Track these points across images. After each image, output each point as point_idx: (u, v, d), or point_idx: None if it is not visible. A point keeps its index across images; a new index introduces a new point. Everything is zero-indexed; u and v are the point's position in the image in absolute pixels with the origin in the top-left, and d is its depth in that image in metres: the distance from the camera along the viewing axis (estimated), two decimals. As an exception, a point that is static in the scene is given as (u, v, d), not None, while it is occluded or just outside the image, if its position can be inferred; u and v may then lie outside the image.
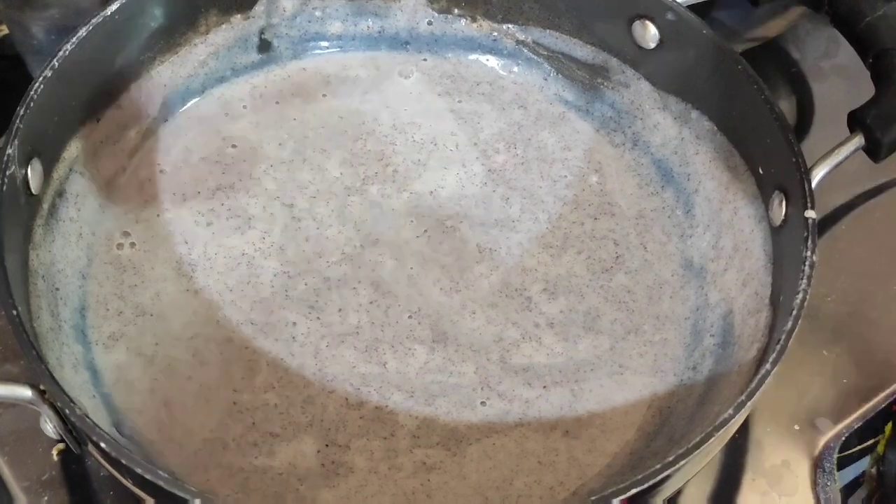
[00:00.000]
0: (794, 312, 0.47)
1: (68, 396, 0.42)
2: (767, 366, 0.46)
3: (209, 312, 0.57)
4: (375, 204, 0.62)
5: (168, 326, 0.56)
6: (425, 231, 0.61)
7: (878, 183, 0.72)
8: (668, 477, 0.43)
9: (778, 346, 0.46)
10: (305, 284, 0.59)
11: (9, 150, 0.50)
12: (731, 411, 0.44)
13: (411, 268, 0.60)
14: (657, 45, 0.62)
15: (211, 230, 0.60)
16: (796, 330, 0.47)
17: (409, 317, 0.58)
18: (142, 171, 0.62)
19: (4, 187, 0.49)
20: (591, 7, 0.64)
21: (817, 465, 0.59)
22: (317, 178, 0.63)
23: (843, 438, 0.60)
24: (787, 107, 0.77)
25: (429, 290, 0.59)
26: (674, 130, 0.63)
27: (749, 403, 0.45)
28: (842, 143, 0.54)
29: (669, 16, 0.60)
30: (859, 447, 0.64)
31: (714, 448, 0.45)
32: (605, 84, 0.66)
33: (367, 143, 0.65)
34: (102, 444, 0.41)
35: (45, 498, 0.55)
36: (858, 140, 0.54)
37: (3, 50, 0.75)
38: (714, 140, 0.61)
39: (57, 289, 0.54)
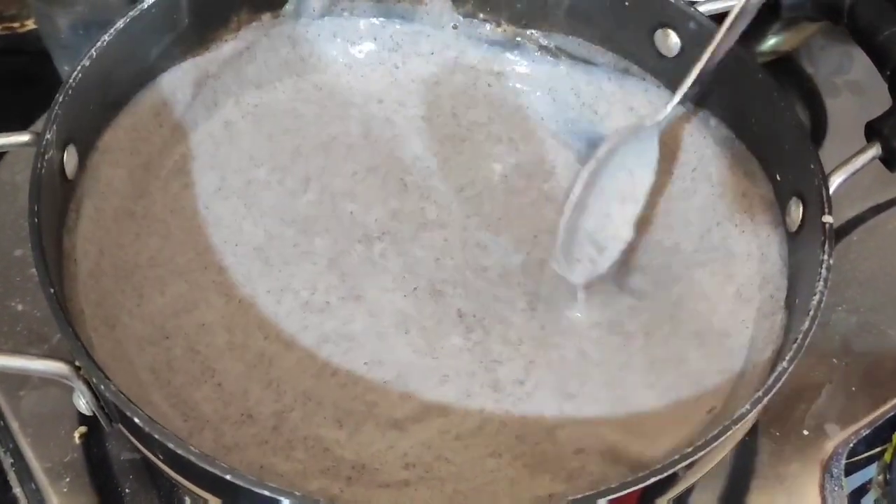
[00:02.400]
0: (812, 313, 0.48)
1: (103, 372, 0.43)
2: (784, 363, 0.47)
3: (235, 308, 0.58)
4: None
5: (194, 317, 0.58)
6: None
7: (890, 196, 0.73)
8: (691, 464, 0.44)
9: (795, 345, 0.47)
10: None
11: (47, 135, 0.51)
12: (748, 406, 0.45)
13: None
14: (678, 54, 0.63)
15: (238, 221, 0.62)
16: (812, 330, 0.48)
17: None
18: (173, 161, 0.63)
19: (43, 171, 0.50)
20: (614, 15, 0.65)
21: (825, 470, 0.60)
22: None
23: (851, 445, 0.61)
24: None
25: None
26: (693, 137, 0.64)
27: (766, 399, 0.46)
28: (859, 152, 0.55)
29: (691, 25, 0.61)
30: (867, 454, 0.64)
31: (728, 443, 0.46)
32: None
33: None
34: (136, 420, 0.42)
35: (67, 479, 0.56)
36: (875, 150, 0.55)
37: (29, 45, 0.77)
38: (732, 147, 0.62)
39: (89, 271, 0.55)
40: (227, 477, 0.40)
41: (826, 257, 0.50)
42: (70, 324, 0.45)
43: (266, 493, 0.40)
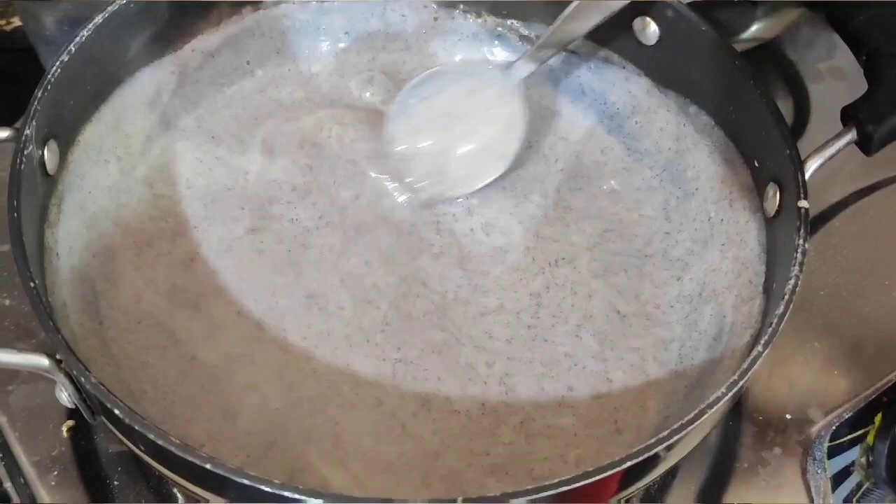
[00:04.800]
0: (787, 297, 0.49)
1: (84, 365, 0.43)
2: (759, 347, 0.47)
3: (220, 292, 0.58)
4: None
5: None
6: None
7: (871, 182, 0.73)
8: (670, 446, 0.44)
9: (770, 329, 0.48)
10: None
11: (27, 131, 0.51)
12: (723, 390, 0.45)
13: None
14: (657, 42, 0.63)
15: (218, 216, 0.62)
16: (788, 314, 0.49)
17: None
18: (155, 156, 0.63)
19: (22, 166, 0.50)
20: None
21: (808, 453, 0.60)
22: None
23: (834, 428, 0.61)
24: (784, 107, 0.75)
25: None
26: (672, 125, 0.65)
27: (741, 383, 0.46)
28: (835, 137, 0.55)
29: (669, 13, 0.61)
30: (849, 437, 0.64)
31: (706, 425, 0.46)
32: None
33: None
34: (116, 411, 0.42)
35: (55, 472, 0.56)
36: (851, 134, 0.55)
37: (14, 42, 0.77)
38: (712, 134, 0.62)
39: (72, 266, 0.55)
40: (207, 466, 0.41)
41: (801, 242, 0.51)
42: (50, 317, 0.45)
43: (246, 481, 0.41)
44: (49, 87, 0.53)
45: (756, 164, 0.58)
